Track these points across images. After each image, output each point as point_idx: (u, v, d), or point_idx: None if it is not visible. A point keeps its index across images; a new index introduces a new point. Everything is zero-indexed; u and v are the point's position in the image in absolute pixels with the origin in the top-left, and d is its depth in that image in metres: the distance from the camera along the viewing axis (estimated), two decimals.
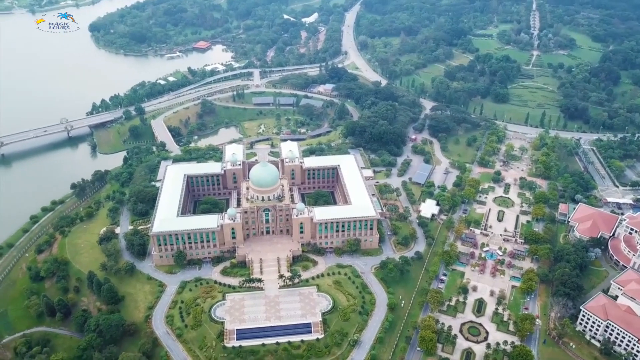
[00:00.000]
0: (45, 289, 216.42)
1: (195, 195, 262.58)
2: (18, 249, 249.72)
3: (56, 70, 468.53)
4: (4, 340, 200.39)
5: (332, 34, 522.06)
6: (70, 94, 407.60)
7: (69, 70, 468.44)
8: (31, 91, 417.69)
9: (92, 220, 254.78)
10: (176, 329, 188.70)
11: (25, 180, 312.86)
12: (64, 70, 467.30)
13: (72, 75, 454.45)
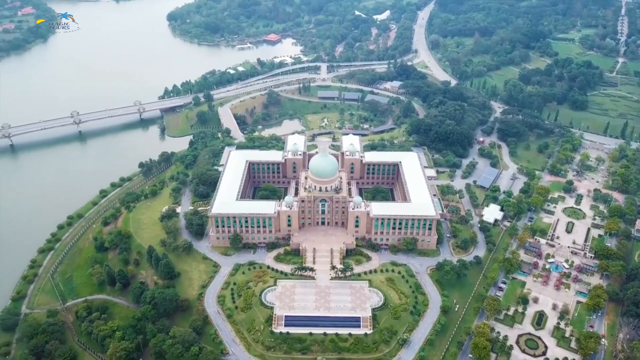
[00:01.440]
0: (108, 259, 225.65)
1: (255, 182, 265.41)
2: (87, 220, 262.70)
3: (134, 55, 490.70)
4: (68, 303, 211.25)
5: (403, 32, 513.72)
6: (145, 79, 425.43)
7: (146, 56, 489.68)
8: (110, 74, 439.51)
9: (155, 198, 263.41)
10: (227, 310, 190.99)
11: (98, 157, 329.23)
12: (141, 56, 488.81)
13: (148, 61, 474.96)
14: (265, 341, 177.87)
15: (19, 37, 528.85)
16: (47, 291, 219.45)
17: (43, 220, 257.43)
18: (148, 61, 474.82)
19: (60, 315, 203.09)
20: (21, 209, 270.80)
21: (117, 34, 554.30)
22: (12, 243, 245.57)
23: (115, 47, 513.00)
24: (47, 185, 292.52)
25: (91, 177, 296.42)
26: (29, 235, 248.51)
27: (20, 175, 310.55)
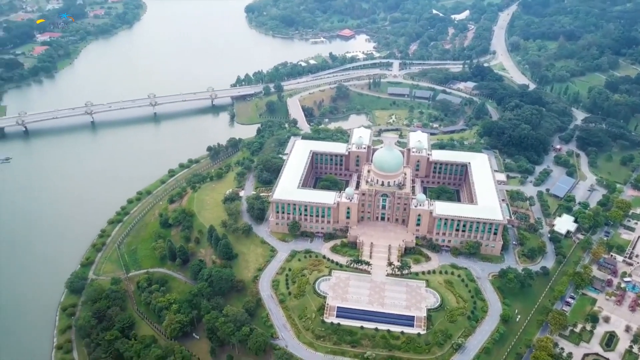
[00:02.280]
0: (171, 235, 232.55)
1: (318, 172, 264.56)
2: (154, 196, 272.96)
3: (211, 44, 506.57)
4: (131, 273, 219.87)
5: (481, 33, 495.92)
6: (219, 67, 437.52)
7: (222, 45, 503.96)
8: (187, 60, 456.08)
9: (220, 181, 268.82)
10: (280, 295, 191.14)
11: (169, 138, 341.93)
12: (218, 45, 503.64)
13: (223, 50, 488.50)
14: (316, 330, 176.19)
15: (108, 22, 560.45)
16: (113, 260, 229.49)
17: (115, 194, 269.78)
18: (223, 50, 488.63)
19: (123, 283, 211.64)
20: (97, 181, 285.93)
21: (197, 23, 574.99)
22: (86, 213, 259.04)
23: (194, 35, 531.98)
24: (121, 162, 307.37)
25: (161, 157, 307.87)
26: (101, 206, 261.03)
27: (98, 150, 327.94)
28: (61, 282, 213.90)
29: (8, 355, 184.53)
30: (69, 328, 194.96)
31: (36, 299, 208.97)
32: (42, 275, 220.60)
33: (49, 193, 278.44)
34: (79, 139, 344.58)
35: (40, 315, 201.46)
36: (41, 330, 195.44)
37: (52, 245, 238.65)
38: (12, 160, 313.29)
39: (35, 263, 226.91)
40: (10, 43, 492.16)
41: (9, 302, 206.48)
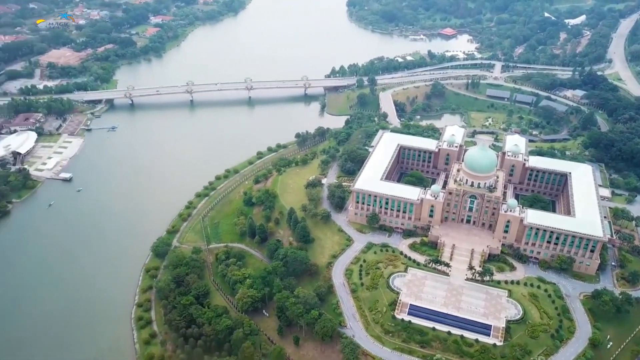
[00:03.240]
0: (253, 213, 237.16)
1: (403, 167, 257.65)
2: (241, 176, 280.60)
3: (309, 34, 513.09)
4: (211, 245, 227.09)
5: (597, 39, 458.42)
6: (315, 57, 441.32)
7: (320, 36, 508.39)
8: (285, 49, 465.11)
9: (304, 167, 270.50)
10: (352, 284, 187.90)
11: (260, 122, 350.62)
12: (316, 36, 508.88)
13: (320, 41, 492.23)
14: (385, 324, 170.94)
15: (215, 9, 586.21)
16: (196, 231, 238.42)
17: (204, 169, 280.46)
18: (321, 42, 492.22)
19: (202, 254, 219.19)
20: (190, 156, 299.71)
21: (299, 14, 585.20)
22: (177, 183, 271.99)
23: (294, 26, 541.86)
24: (213, 140, 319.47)
25: (251, 139, 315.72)
26: (191, 179, 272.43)
27: (194, 128, 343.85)
28: (148, 245, 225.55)
29: (95, 305, 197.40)
30: (150, 288, 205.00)
31: (125, 258, 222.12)
32: (132, 237, 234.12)
33: (146, 162, 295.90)
34: (177, 115, 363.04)
35: (127, 274, 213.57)
36: (126, 287, 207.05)
37: (143, 210, 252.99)
38: (118, 129, 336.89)
39: (128, 225, 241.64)
40: (127, 23, 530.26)
41: (100, 259, 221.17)
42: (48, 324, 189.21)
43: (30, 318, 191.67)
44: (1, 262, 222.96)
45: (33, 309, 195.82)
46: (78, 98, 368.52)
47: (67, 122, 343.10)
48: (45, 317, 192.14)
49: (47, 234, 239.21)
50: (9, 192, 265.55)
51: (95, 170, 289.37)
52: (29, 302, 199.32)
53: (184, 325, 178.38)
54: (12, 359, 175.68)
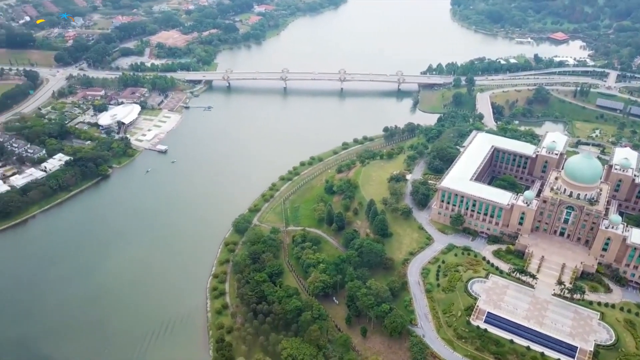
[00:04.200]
0: (333, 201, 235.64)
1: (495, 171, 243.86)
2: (325, 164, 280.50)
3: (408, 30, 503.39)
4: (289, 227, 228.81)
5: None
6: (411, 53, 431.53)
7: (419, 33, 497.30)
8: (380, 43, 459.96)
9: (389, 161, 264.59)
10: (427, 284, 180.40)
11: (349, 114, 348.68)
12: (415, 32, 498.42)
13: (419, 38, 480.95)
14: (459, 329, 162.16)
15: (317, 1, 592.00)
16: (276, 212, 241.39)
17: (290, 154, 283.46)
18: (419, 38, 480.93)
19: (280, 234, 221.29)
20: (277, 140, 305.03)
21: (400, 10, 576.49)
22: (263, 165, 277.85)
23: (393, 21, 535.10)
24: (302, 127, 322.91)
25: (338, 129, 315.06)
26: (277, 163, 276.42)
27: (284, 114, 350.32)
28: (229, 220, 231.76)
29: (175, 271, 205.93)
30: (227, 261, 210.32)
31: (207, 230, 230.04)
32: (216, 211, 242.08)
33: (236, 142, 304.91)
34: (270, 100, 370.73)
35: (207, 245, 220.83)
36: (205, 257, 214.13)
37: (229, 187, 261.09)
38: (213, 109, 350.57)
39: (213, 199, 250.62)
40: (232, 11, 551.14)
41: (185, 227, 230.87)
42: (127, 281, 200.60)
43: (111, 274, 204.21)
44: (98, 218, 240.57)
45: (115, 265, 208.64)
46: (180, 77, 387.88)
47: (168, 98, 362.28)
48: (125, 274, 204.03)
49: (141, 197, 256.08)
50: (110, 158, 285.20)
51: (189, 146, 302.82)
52: (114, 258, 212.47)
53: (254, 301, 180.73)
54: (91, 309, 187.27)
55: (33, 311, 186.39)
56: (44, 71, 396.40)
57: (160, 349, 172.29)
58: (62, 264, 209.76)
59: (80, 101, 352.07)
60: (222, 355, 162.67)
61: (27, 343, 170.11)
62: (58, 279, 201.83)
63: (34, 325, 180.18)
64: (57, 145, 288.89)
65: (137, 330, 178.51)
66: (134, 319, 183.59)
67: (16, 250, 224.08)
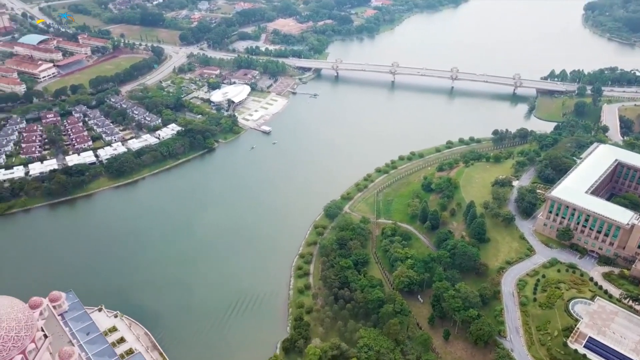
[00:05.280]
0: (429, 199, 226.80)
1: (616, 188, 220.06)
2: (425, 161, 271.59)
3: (530, 34, 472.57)
4: (379, 219, 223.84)
5: None
6: (532, 57, 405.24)
7: (544, 36, 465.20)
8: (497, 44, 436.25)
9: (496, 165, 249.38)
10: (523, 296, 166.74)
11: (457, 113, 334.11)
12: (539, 35, 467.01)
13: (542, 42, 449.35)
14: (553, 349, 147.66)
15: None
16: (369, 203, 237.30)
17: (390, 148, 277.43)
18: (542, 42, 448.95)
19: (370, 225, 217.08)
20: (379, 132, 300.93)
21: (525, 12, 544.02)
22: (359, 155, 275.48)
23: (516, 23, 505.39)
24: (406, 122, 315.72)
25: (443, 128, 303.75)
26: (374, 154, 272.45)
27: (390, 107, 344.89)
28: (321, 205, 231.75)
29: (264, 245, 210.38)
30: (314, 244, 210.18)
31: (298, 210, 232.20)
32: (309, 193, 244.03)
33: (337, 130, 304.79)
34: (377, 93, 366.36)
35: (297, 225, 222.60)
36: (293, 236, 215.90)
37: (324, 173, 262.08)
38: (319, 96, 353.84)
39: (307, 182, 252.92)
40: (349, 3, 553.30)
41: (278, 205, 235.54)
42: (220, 246, 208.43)
43: (207, 238, 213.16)
44: (200, 187, 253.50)
45: (211, 230, 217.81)
46: (291, 63, 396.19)
47: (277, 82, 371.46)
48: (219, 239, 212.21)
49: (241, 172, 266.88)
50: (217, 133, 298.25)
51: (291, 129, 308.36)
52: (211, 224, 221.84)
53: (337, 285, 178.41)
54: (184, 268, 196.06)
55: (133, 262, 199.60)
56: (168, 48, 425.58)
57: (241, 315, 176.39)
58: (163, 224, 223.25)
59: (197, 78, 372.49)
60: (298, 334, 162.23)
61: (126, 291, 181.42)
62: (158, 236, 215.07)
63: (133, 275, 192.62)
64: (172, 116, 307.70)
65: (221, 294, 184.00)
66: (221, 283, 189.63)
67: (126, 205, 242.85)
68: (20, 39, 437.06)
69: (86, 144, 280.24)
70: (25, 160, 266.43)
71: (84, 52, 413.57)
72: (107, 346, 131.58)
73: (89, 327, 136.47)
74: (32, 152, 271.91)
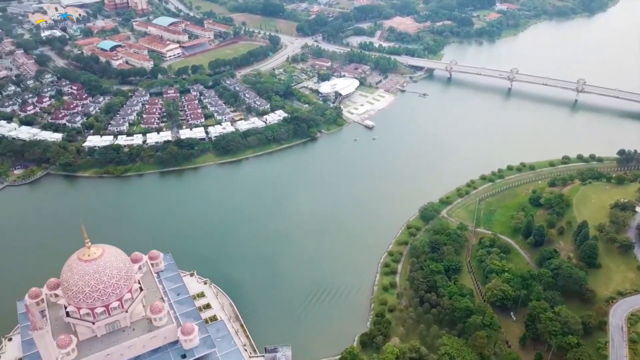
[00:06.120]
0: (536, 214, 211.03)
1: None
2: (536, 174, 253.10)
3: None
4: (478, 229, 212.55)
5: None
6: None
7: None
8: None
9: (617, 186, 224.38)
10: (633, 332, 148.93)
11: (578, 128, 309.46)
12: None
13: None
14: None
15: (568, 6, 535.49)
16: (469, 210, 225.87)
17: (498, 156, 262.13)
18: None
19: (467, 232, 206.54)
20: (488, 139, 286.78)
21: None
22: (462, 161, 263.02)
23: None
24: (518, 131, 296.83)
25: (561, 142, 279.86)
26: (480, 161, 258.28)
27: (502, 115, 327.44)
28: (416, 205, 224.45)
29: (354, 236, 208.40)
30: (405, 243, 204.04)
31: (392, 209, 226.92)
32: (404, 193, 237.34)
33: (441, 133, 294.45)
34: (490, 98, 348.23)
35: (389, 222, 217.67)
36: (384, 233, 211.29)
37: (423, 173, 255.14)
38: (428, 96, 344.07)
39: (403, 182, 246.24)
40: (472, 5, 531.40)
41: (372, 200, 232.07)
42: (310, 230, 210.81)
43: (299, 221, 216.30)
44: (300, 173, 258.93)
45: (306, 214, 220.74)
46: (403, 61, 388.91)
47: (387, 79, 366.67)
48: (310, 224, 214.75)
49: (341, 162, 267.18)
50: (321, 123, 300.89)
51: (395, 126, 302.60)
52: (306, 208, 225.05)
53: (424, 288, 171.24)
54: (273, 247, 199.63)
55: (227, 236, 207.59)
56: (285, 38, 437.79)
57: (323, 302, 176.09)
58: (260, 203, 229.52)
59: (308, 68, 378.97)
60: (378, 330, 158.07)
61: (217, 261, 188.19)
62: (254, 214, 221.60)
63: (226, 247, 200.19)
64: (280, 103, 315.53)
65: (306, 279, 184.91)
66: (307, 268, 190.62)
67: (228, 182, 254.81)
68: (153, 20, 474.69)
69: (199, 121, 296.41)
70: (145, 129, 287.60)
71: (207, 36, 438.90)
72: (194, 309, 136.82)
73: (180, 289, 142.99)
74: (151, 123, 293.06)
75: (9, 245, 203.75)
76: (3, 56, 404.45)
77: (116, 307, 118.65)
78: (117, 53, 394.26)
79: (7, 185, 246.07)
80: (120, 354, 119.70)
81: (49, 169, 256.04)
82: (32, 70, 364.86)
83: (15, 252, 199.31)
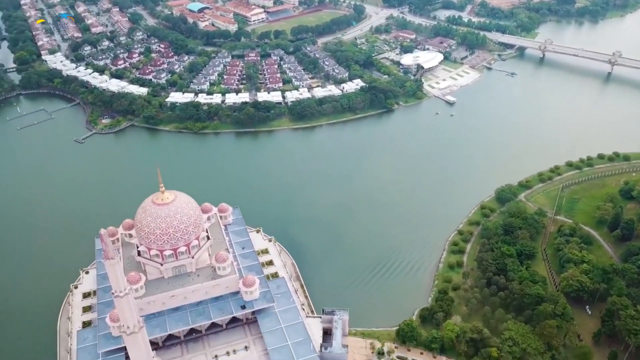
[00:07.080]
0: (626, 207, 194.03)
1: None
2: (630, 165, 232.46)
3: None
4: (559, 216, 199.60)
5: None
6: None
7: None
8: None
9: None
10: None
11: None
12: None
13: None
14: None
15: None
16: (550, 197, 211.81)
17: (588, 143, 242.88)
18: None
19: (545, 219, 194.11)
20: (579, 125, 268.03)
21: None
22: (546, 145, 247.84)
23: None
24: (617, 118, 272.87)
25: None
26: (567, 147, 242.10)
27: (598, 100, 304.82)
28: (491, 186, 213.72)
29: (423, 211, 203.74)
30: (476, 224, 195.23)
31: (465, 187, 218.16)
32: (478, 173, 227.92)
33: (527, 114, 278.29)
34: (586, 82, 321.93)
35: (462, 201, 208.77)
36: (456, 211, 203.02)
37: (501, 155, 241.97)
38: (517, 76, 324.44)
39: (478, 162, 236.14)
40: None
41: (447, 178, 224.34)
42: (374, 207, 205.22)
43: (366, 191, 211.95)
44: (374, 143, 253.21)
45: (375, 184, 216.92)
46: (493, 38, 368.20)
47: (473, 55, 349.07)
48: (380, 194, 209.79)
49: (418, 136, 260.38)
50: (400, 95, 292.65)
51: (477, 104, 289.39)
52: (375, 178, 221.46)
53: (493, 270, 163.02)
54: (336, 217, 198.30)
55: (296, 198, 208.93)
56: (370, 8, 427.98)
57: (385, 273, 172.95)
58: (331, 169, 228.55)
59: (391, 40, 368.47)
60: (439, 306, 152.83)
61: (284, 221, 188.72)
62: (324, 179, 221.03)
63: (294, 209, 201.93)
64: (359, 72, 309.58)
65: (370, 249, 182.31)
66: (372, 238, 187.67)
67: (300, 147, 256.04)
68: None
69: (277, 85, 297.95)
70: (224, 90, 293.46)
71: (292, 2, 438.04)
72: (257, 263, 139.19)
73: (245, 243, 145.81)
74: (231, 84, 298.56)
75: (93, 188, 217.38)
76: (101, 13, 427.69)
77: (183, 252, 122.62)
78: (204, 15, 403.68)
79: (95, 132, 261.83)
80: (184, 297, 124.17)
81: (134, 121, 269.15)
82: (125, 28, 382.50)
83: (97, 194, 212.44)
